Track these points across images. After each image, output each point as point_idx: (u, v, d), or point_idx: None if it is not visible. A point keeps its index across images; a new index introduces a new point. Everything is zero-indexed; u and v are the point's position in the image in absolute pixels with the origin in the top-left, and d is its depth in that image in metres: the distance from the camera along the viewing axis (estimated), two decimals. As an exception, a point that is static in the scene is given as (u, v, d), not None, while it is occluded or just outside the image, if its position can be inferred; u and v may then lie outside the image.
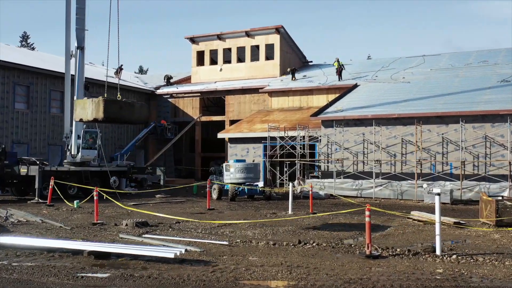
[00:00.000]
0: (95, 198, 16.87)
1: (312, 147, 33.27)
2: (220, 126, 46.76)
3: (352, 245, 12.38)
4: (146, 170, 30.14)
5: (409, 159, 28.42)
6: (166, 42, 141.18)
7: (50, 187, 23.29)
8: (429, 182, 26.52)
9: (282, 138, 32.48)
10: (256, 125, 36.54)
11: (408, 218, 17.85)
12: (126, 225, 15.43)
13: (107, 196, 21.15)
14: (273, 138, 33.62)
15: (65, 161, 28.50)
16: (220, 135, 36.49)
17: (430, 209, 22.24)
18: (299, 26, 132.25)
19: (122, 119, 18.50)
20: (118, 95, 20.23)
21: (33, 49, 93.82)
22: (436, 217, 11.35)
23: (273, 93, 41.83)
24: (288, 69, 44.28)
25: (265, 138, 34.03)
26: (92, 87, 41.65)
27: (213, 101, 51.67)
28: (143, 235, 13.69)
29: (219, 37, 48.34)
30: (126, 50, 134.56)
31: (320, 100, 39.98)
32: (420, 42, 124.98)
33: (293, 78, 43.67)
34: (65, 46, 29.40)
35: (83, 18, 28.34)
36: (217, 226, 15.91)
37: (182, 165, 50.32)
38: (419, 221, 17.07)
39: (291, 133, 33.08)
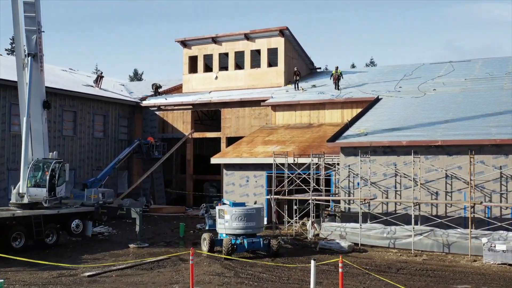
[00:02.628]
0: None
1: (327, 175, 26.85)
2: (216, 143, 40.40)
3: None
4: (119, 211, 23.69)
5: (456, 199, 22.00)
6: (162, 44, 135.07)
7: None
8: (486, 232, 20.14)
9: (290, 165, 26.03)
10: (258, 147, 30.13)
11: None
12: None
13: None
14: (279, 163, 27.20)
15: (10, 202, 22.04)
16: (214, 160, 30.10)
17: (498, 277, 15.93)
18: (298, 28, 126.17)
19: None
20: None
21: None
22: None
23: (277, 107, 35.42)
24: (294, 77, 37.88)
25: (269, 164, 27.66)
26: (64, 99, 35.21)
27: (208, 114, 45.24)
28: None
29: (215, 40, 41.97)
30: (120, 52, 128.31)
31: (333, 116, 33.58)
32: (421, 43, 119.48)
33: (297, 87, 37.31)
34: (16, 53, 22.95)
35: (34, 17, 21.92)
36: None
37: (173, 188, 43.86)
38: None
39: (301, 160, 26.67)
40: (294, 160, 26.35)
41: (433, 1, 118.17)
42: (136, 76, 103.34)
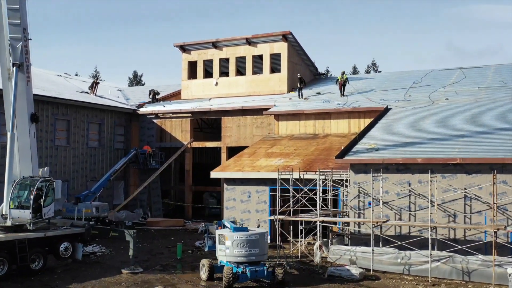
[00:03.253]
0: None
1: (334, 192, 25.13)
2: (216, 151, 38.77)
3: None
4: (111, 232, 21.98)
5: (476, 222, 20.33)
6: (162, 46, 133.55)
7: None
8: (511, 260, 18.49)
9: (295, 181, 24.32)
10: (261, 160, 28.44)
11: None
12: None
13: None
14: (283, 178, 25.53)
15: (-8, 225, 20.31)
16: (214, 175, 28.41)
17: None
18: (298, 28, 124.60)
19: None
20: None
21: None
22: None
23: (280, 116, 33.73)
24: (298, 84, 36.24)
25: (272, 179, 25.99)
26: (57, 108, 33.54)
27: (208, 121, 43.57)
28: None
29: (215, 45, 40.31)
30: (119, 54, 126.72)
31: (339, 126, 31.90)
32: (421, 44, 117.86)
33: (301, 94, 35.74)
34: (0, 63, 21.22)
35: (19, 23, 20.24)
36: None
37: (171, 199, 42.23)
38: None
39: (307, 175, 24.97)
40: (299, 176, 24.65)
41: (432, 2, 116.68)
42: (136, 78, 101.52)
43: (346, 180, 23.62)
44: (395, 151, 22.42)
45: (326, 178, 24.05)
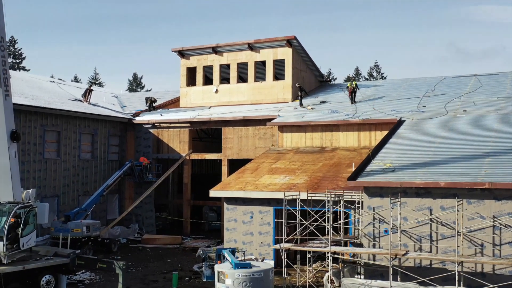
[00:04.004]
0: None
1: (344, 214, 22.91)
2: (217, 162, 36.65)
3: None
4: (99, 264, 19.81)
5: (507, 253, 18.14)
6: (162, 48, 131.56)
7: None
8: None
9: (302, 204, 22.12)
10: (264, 177, 26.25)
11: None
12: None
13: None
14: (289, 199, 23.38)
15: (-35, 258, 18.14)
16: (213, 193, 26.21)
17: None
18: (299, 29, 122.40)
19: None
20: None
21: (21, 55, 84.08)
22: None
23: (285, 128, 31.56)
24: (298, 93, 34.28)
25: (277, 199, 23.86)
26: (46, 118, 31.42)
27: (207, 130, 41.40)
28: None
29: (215, 50, 38.15)
30: (119, 56, 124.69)
31: (348, 139, 29.72)
32: (422, 44, 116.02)
33: (301, 104, 33.86)
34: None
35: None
36: None
37: (169, 212, 40.08)
38: None
39: (315, 196, 22.75)
40: (307, 197, 22.43)
41: (434, 2, 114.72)
42: (136, 80, 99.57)
43: (358, 203, 21.44)
44: (414, 172, 20.22)
45: (336, 199, 21.86)
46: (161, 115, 37.31)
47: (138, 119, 37.24)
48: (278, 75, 38.22)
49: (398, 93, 34.51)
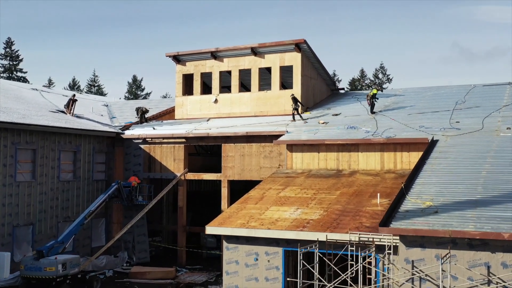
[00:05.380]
0: None
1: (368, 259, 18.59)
2: (216, 184, 32.40)
3: None
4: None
5: None
6: (162, 49, 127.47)
7: None
8: None
9: (315, 242, 17.85)
10: (271, 209, 21.94)
11: None
12: None
13: None
14: (304, 239, 19.19)
15: None
16: (210, 230, 21.87)
17: None
18: (300, 29, 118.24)
19: None
20: None
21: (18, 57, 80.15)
22: None
23: (294, 147, 27.23)
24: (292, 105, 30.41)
25: (287, 239, 19.60)
26: (18, 135, 27.19)
27: (205, 146, 37.10)
28: None
29: (214, 55, 33.91)
30: (119, 57, 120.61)
31: (370, 161, 25.38)
32: (425, 44, 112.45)
33: (294, 118, 30.13)
34: None
35: None
36: None
37: (163, 238, 35.82)
38: None
39: (334, 235, 18.49)
40: (326, 239, 18.13)
41: (437, 2, 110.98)
42: (135, 83, 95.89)
43: (389, 248, 17.12)
44: (463, 215, 15.89)
45: (361, 242, 17.59)
46: (154, 128, 33.03)
47: (128, 133, 32.95)
48: (286, 84, 33.98)
49: (423, 104, 30.22)
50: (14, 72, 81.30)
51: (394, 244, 16.93)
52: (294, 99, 30.38)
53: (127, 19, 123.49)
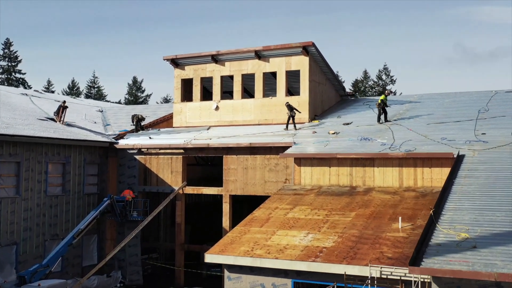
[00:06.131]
0: None
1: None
2: (218, 199, 30.01)
3: None
4: None
5: None
6: (162, 51, 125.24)
7: None
8: None
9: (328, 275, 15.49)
10: (278, 233, 19.54)
11: None
12: None
13: None
14: (316, 271, 16.86)
15: None
16: (210, 258, 19.46)
17: None
18: (302, 30, 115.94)
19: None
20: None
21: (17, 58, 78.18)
22: None
23: (302, 160, 24.81)
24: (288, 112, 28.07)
25: (297, 270, 17.22)
26: (1, 147, 24.86)
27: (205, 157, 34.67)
28: None
29: (215, 58, 31.55)
30: (119, 58, 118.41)
31: (387, 177, 22.94)
32: (427, 44, 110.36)
33: (287, 127, 28.35)
34: None
35: None
36: None
37: (159, 255, 33.40)
38: None
39: (351, 268, 16.09)
40: (344, 274, 15.74)
41: (439, 2, 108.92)
42: (136, 84, 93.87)
43: (417, 286, 14.70)
44: (509, 252, 13.46)
45: (384, 276, 15.20)
46: (150, 137, 30.63)
47: (122, 143, 30.55)
48: (292, 89, 31.69)
49: (442, 113, 27.82)
50: (13, 73, 79.35)
51: (422, 280, 14.54)
52: (289, 107, 28.09)
53: (127, 20, 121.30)
